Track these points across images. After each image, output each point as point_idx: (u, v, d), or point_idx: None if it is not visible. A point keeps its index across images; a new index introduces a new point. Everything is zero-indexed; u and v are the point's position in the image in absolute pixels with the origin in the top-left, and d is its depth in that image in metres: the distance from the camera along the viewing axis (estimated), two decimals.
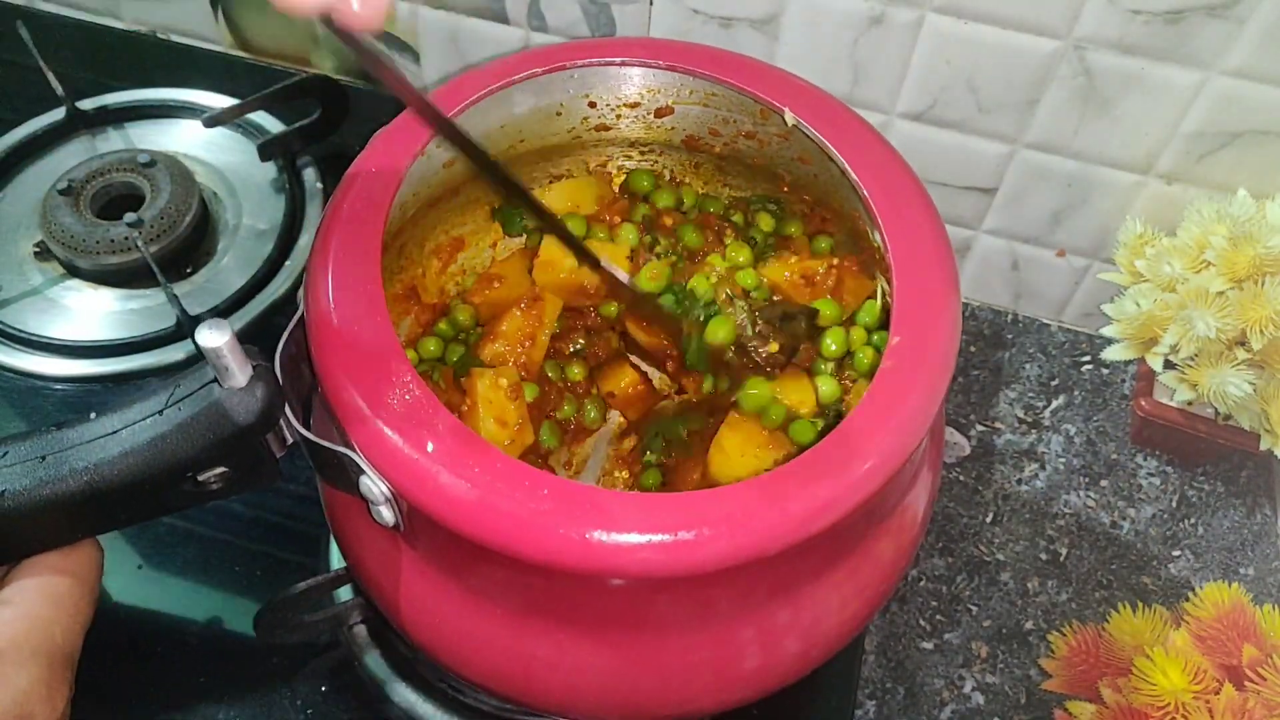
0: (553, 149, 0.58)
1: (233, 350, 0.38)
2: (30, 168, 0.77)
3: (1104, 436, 0.71)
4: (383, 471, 0.40)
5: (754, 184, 0.60)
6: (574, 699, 0.45)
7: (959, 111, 0.68)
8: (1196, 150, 0.65)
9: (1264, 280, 0.60)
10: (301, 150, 0.79)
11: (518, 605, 0.43)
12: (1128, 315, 0.65)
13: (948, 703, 0.60)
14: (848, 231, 0.56)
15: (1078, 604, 0.64)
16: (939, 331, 0.44)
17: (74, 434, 0.39)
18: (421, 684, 0.57)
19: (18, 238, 0.73)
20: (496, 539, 0.38)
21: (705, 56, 0.53)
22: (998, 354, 0.75)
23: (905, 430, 0.41)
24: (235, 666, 0.58)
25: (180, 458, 0.39)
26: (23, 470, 0.38)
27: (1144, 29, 0.60)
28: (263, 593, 0.60)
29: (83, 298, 0.71)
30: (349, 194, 0.46)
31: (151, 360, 0.68)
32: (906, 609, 0.63)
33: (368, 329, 0.42)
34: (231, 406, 0.39)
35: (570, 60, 0.53)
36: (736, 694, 0.47)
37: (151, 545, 0.62)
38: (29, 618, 0.40)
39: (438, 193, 0.55)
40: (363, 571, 0.48)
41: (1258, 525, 0.68)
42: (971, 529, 0.67)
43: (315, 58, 0.86)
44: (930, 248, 0.46)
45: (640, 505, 0.38)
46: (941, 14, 0.63)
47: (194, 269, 0.73)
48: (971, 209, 0.74)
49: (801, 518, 0.39)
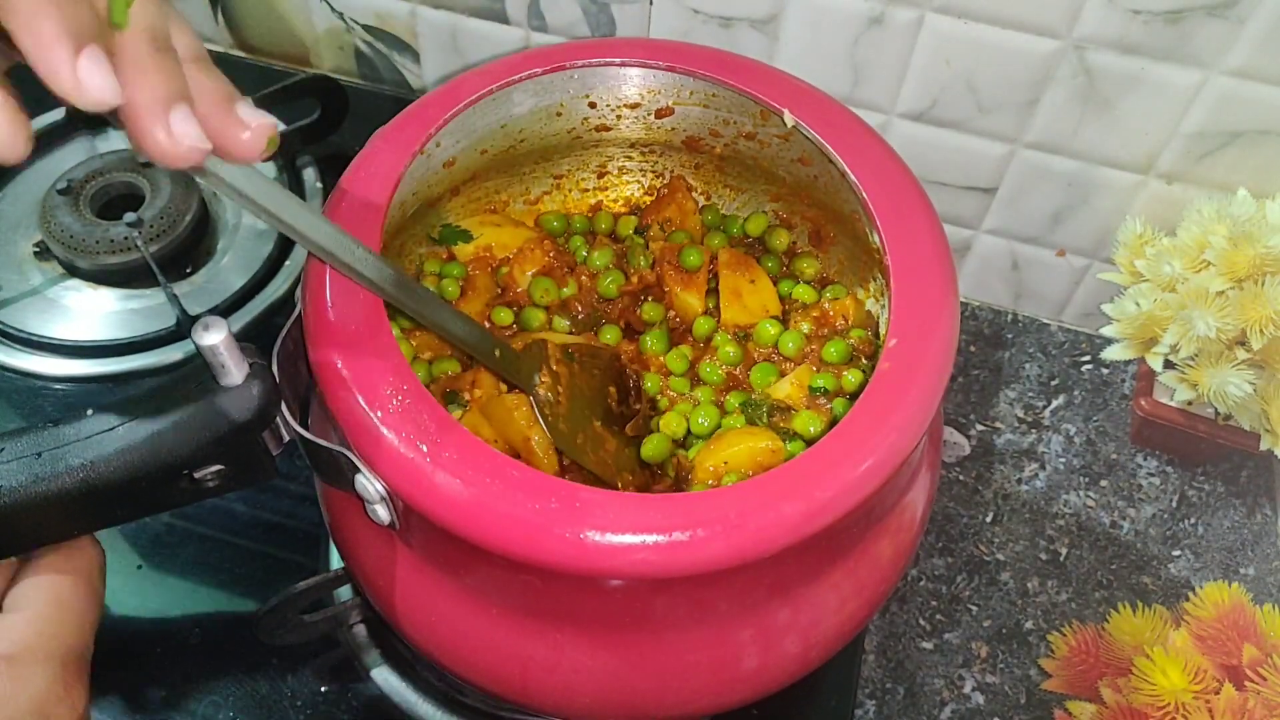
0: (553, 149, 0.58)
1: (229, 348, 0.38)
2: (30, 168, 0.77)
3: (1104, 436, 0.71)
4: (378, 470, 0.40)
5: (754, 185, 0.60)
6: (571, 699, 0.45)
7: (959, 111, 0.68)
8: (1196, 150, 0.65)
9: (1264, 280, 0.60)
10: (301, 150, 0.79)
11: (514, 605, 0.43)
12: (1128, 315, 0.65)
13: (948, 703, 0.60)
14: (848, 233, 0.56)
15: (1078, 604, 0.64)
16: (937, 332, 0.44)
17: (70, 430, 0.39)
18: (421, 684, 0.57)
19: (18, 238, 0.73)
20: (491, 539, 0.38)
21: (705, 57, 0.53)
22: (998, 354, 0.75)
23: (903, 431, 0.41)
24: (235, 667, 0.58)
25: (177, 455, 0.39)
26: (19, 466, 0.38)
27: (1144, 29, 0.60)
28: (263, 593, 0.60)
29: (82, 298, 0.71)
30: (348, 193, 0.46)
31: (151, 360, 0.68)
32: (906, 609, 0.63)
33: (365, 328, 0.42)
34: (228, 404, 0.39)
35: (570, 60, 0.53)
36: (735, 694, 0.47)
37: (151, 545, 0.62)
38: (39, 620, 0.40)
39: (437, 192, 0.55)
40: (359, 570, 0.48)
41: (1258, 525, 0.68)
42: (971, 529, 0.67)
43: (315, 58, 0.86)
44: (929, 249, 0.46)
45: (636, 506, 0.38)
46: (941, 14, 0.63)
47: (194, 269, 0.73)
48: (971, 209, 0.73)
49: (799, 518, 0.39)
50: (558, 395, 0.50)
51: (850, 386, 0.52)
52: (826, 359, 0.53)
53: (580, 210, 0.62)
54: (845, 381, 0.52)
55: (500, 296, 0.56)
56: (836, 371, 0.53)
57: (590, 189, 0.62)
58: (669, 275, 0.56)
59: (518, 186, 0.60)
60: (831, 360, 0.53)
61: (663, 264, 0.57)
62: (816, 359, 0.54)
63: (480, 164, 0.56)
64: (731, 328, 0.56)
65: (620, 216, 0.61)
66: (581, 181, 0.61)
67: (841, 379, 0.52)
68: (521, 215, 0.61)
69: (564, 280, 0.56)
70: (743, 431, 0.50)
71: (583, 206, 0.62)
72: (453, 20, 0.77)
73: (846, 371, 0.53)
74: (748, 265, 0.57)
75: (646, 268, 0.57)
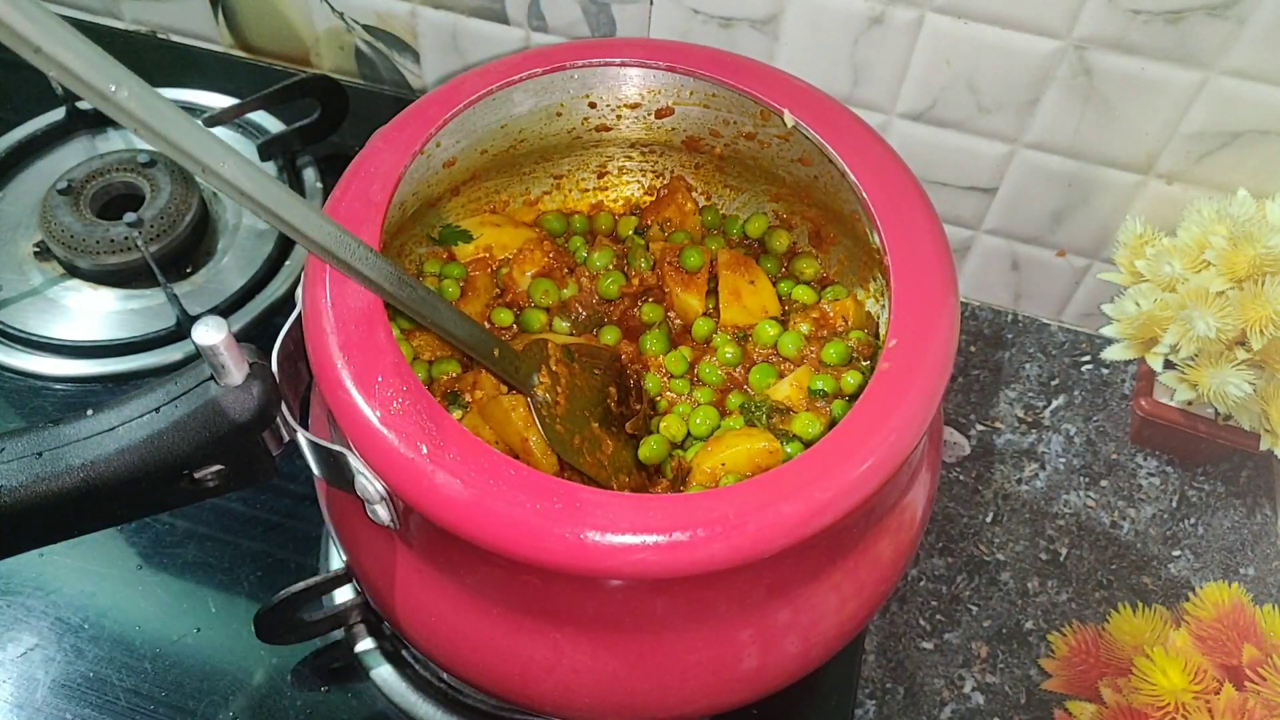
0: (553, 149, 0.58)
1: (229, 348, 0.38)
2: (30, 168, 0.77)
3: (1104, 436, 0.71)
4: (378, 470, 0.40)
5: (754, 185, 0.60)
6: (571, 699, 0.45)
7: (959, 111, 0.68)
8: (1196, 150, 0.65)
9: (1264, 280, 0.60)
10: (301, 150, 0.79)
11: (514, 605, 0.43)
12: (1128, 315, 0.65)
13: (948, 702, 0.60)
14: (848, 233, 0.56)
15: (1078, 604, 0.64)
16: (937, 333, 0.44)
17: (71, 430, 0.39)
18: (421, 684, 0.57)
19: (18, 238, 0.73)
20: (491, 539, 0.38)
21: (705, 57, 0.53)
22: (998, 354, 0.75)
23: (903, 431, 0.41)
24: (235, 666, 0.58)
25: (176, 455, 0.39)
26: (19, 466, 0.38)
27: (1144, 29, 0.60)
28: (263, 593, 0.60)
29: (83, 298, 0.71)
30: (348, 193, 0.46)
31: (151, 360, 0.68)
32: (906, 609, 0.63)
33: (364, 328, 0.42)
34: (228, 404, 0.39)
35: (570, 60, 0.53)
36: (735, 694, 0.47)
37: (151, 545, 0.62)
38: None
39: (437, 192, 0.55)
40: (359, 570, 0.48)
41: (1258, 525, 0.68)
42: (971, 529, 0.67)
43: (315, 58, 0.86)
44: (929, 249, 0.46)
45: (636, 506, 0.38)
46: (941, 14, 0.63)
47: (194, 269, 0.73)
48: (971, 209, 0.73)
49: (798, 519, 0.39)
50: (556, 396, 0.50)
51: (849, 388, 0.52)
52: (826, 360, 0.53)
53: (580, 210, 0.62)
54: (844, 383, 0.52)
55: (500, 297, 0.56)
56: (836, 373, 0.53)
57: (590, 189, 0.62)
58: (669, 276, 0.56)
59: (518, 186, 0.60)
60: (831, 362, 0.53)
61: (663, 265, 0.57)
62: (816, 360, 0.54)
63: (480, 164, 0.56)
64: (731, 328, 0.56)
65: (620, 217, 0.61)
66: (581, 181, 0.61)
67: (841, 381, 0.52)
68: (521, 215, 0.61)
69: (564, 281, 0.56)
70: (741, 433, 0.50)
71: (583, 206, 0.62)
72: (453, 20, 0.77)
73: (846, 373, 0.53)
74: (748, 266, 0.57)
75: (647, 269, 0.57)
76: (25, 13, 0.29)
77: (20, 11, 0.29)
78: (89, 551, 0.61)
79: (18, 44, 0.29)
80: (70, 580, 0.60)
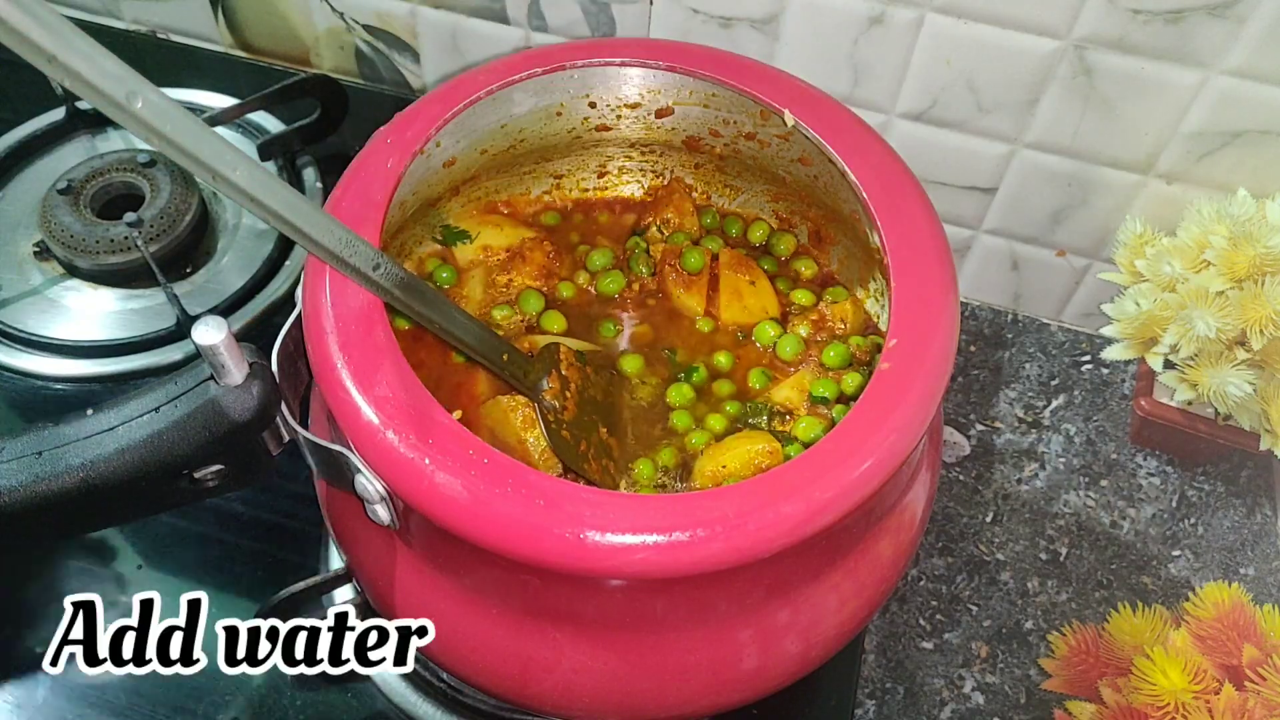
0: (553, 149, 0.58)
1: (229, 347, 0.38)
2: (30, 168, 0.77)
3: (1104, 436, 0.71)
4: (378, 470, 0.40)
5: (754, 185, 0.60)
6: (571, 699, 0.45)
7: (959, 111, 0.68)
8: (1196, 150, 0.65)
9: (1264, 280, 0.60)
10: (301, 150, 0.79)
11: (514, 605, 0.43)
12: (1128, 315, 0.65)
13: (948, 702, 0.60)
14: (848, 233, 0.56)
15: (1078, 604, 0.64)
16: (937, 333, 0.44)
17: (70, 430, 0.39)
18: (421, 684, 0.57)
19: (18, 238, 0.73)
20: (491, 539, 0.38)
21: (705, 57, 0.53)
22: (998, 354, 0.75)
23: (903, 431, 0.41)
24: None
25: (176, 454, 0.39)
26: (19, 466, 0.39)
27: (1144, 29, 0.60)
28: (263, 593, 0.60)
29: (82, 298, 0.71)
30: (348, 193, 0.46)
31: (151, 360, 0.68)
32: (906, 609, 0.63)
33: (364, 328, 0.42)
34: (228, 404, 0.39)
35: (570, 60, 0.53)
36: (735, 694, 0.47)
37: (151, 545, 0.62)
38: None
39: (437, 192, 0.55)
40: (360, 569, 0.48)
41: (1258, 525, 0.68)
42: (971, 529, 0.67)
43: (315, 58, 0.86)
44: (929, 249, 0.46)
45: (636, 506, 0.38)
46: (941, 14, 0.63)
47: (194, 269, 0.73)
48: (971, 209, 0.73)
49: (798, 519, 0.39)
50: (564, 401, 0.50)
51: (849, 390, 0.52)
52: (826, 363, 0.53)
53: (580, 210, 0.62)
54: (844, 384, 0.52)
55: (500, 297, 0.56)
56: (836, 376, 0.53)
57: (590, 189, 0.62)
58: (670, 278, 0.56)
59: (518, 186, 0.60)
60: (831, 364, 0.53)
61: (664, 266, 0.57)
62: (816, 363, 0.54)
63: (480, 164, 0.56)
64: (731, 328, 0.56)
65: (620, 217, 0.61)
66: (581, 181, 0.61)
67: (841, 382, 0.52)
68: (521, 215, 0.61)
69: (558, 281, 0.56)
70: (741, 435, 0.50)
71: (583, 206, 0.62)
72: (453, 20, 0.77)
73: (845, 375, 0.53)
74: (748, 266, 0.57)
75: (648, 274, 0.57)
76: (41, 21, 0.29)
77: (35, 19, 0.28)
78: (89, 552, 0.61)
79: (32, 53, 0.29)
80: (70, 580, 0.60)
